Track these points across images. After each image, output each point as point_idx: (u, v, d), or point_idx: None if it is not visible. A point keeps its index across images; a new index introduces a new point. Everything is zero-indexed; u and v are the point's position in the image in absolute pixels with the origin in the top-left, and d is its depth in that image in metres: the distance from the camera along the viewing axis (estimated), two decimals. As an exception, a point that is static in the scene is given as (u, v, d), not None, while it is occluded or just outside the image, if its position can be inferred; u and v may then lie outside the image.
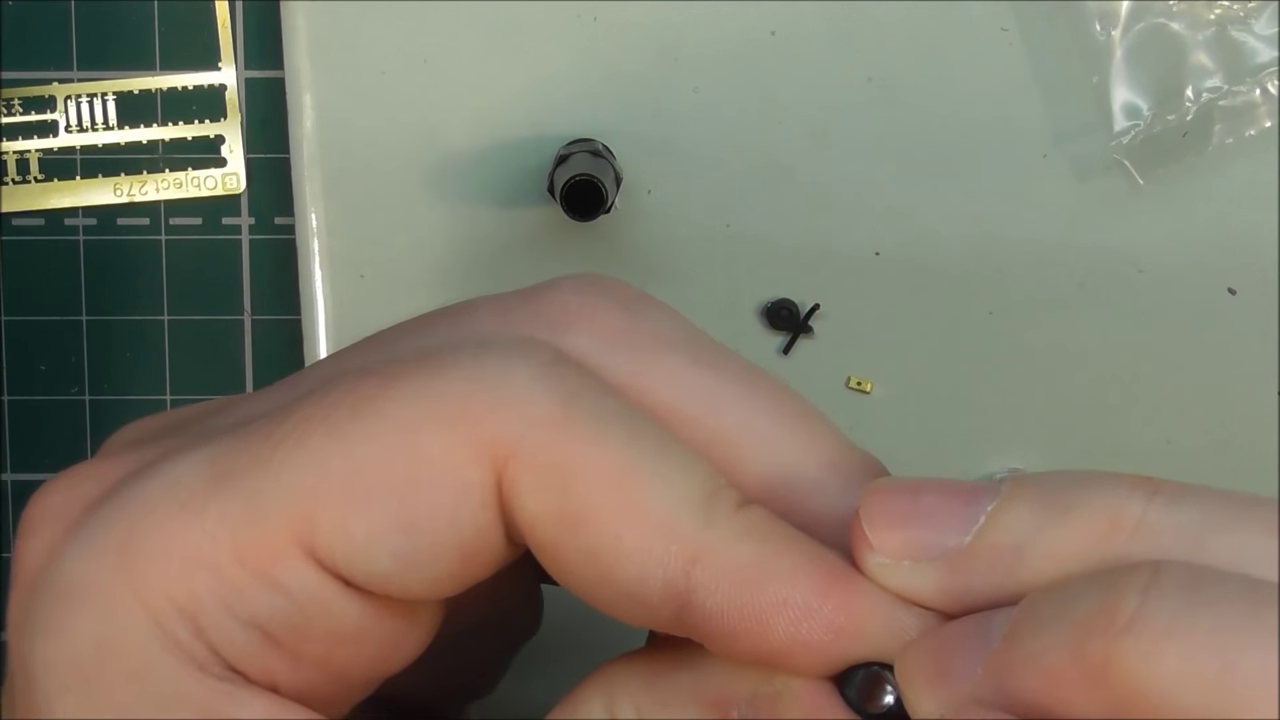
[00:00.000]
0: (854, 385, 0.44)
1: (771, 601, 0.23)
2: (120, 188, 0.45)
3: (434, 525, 0.24)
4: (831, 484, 0.26)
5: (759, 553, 0.24)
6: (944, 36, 0.43)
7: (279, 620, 0.24)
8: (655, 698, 0.25)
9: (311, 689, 0.25)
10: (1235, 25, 0.43)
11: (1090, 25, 0.43)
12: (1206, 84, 0.43)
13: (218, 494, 0.24)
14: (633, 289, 0.27)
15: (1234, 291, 0.44)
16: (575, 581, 0.24)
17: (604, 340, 0.26)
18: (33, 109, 0.45)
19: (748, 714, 0.24)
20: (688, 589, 0.23)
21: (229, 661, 0.25)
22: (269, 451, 0.24)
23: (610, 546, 0.24)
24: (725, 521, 0.24)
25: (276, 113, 0.45)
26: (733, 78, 0.43)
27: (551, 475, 0.24)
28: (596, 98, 0.43)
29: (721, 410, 0.26)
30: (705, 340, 0.27)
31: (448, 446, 0.24)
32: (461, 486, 0.24)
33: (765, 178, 0.44)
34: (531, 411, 0.24)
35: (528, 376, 0.24)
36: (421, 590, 0.25)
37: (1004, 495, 0.23)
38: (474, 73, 0.43)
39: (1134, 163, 0.43)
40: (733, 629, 0.23)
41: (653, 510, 0.24)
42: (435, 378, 0.24)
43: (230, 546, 0.24)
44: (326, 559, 0.24)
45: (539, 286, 0.27)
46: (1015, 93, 0.44)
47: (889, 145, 0.44)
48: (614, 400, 0.25)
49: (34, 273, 0.46)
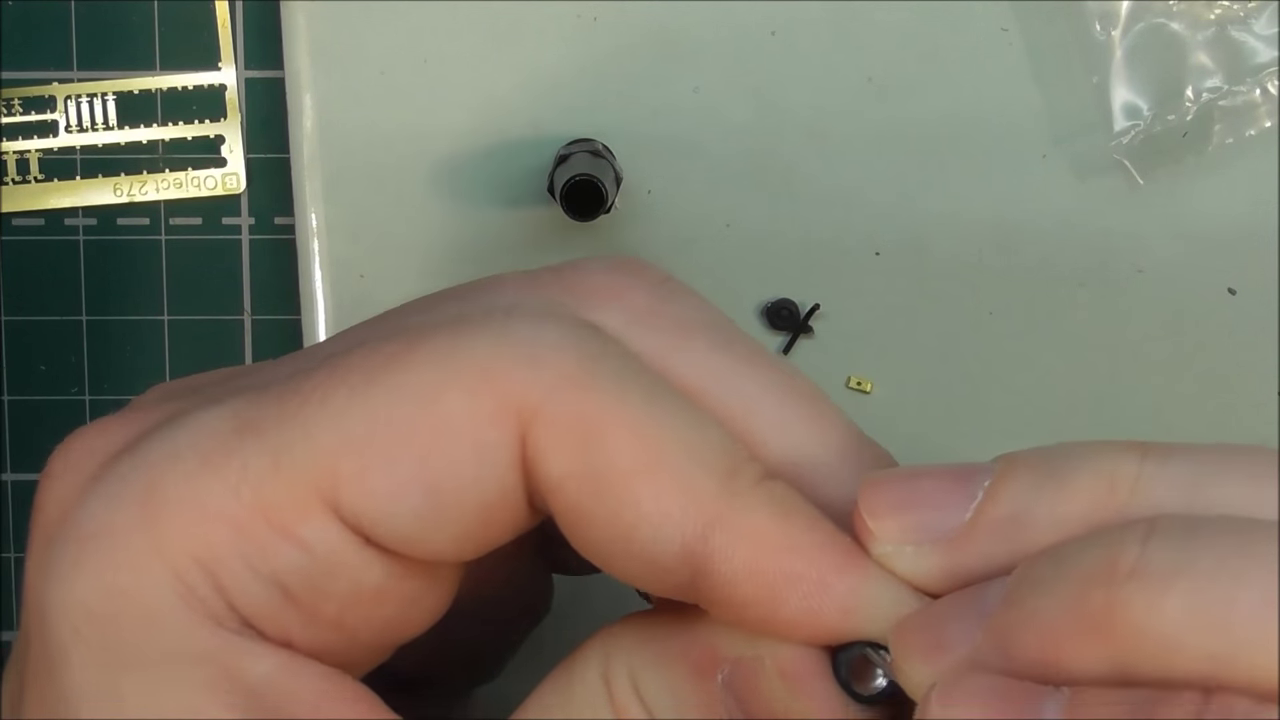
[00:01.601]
0: (854, 385, 0.44)
1: (787, 573, 0.24)
2: (120, 188, 0.45)
3: (456, 485, 0.24)
4: (842, 472, 0.26)
5: (780, 524, 0.24)
6: (944, 36, 0.43)
7: (299, 577, 0.24)
8: (647, 659, 0.25)
9: (326, 649, 0.25)
10: (1235, 25, 0.43)
11: (1090, 25, 0.43)
12: (1206, 84, 0.43)
13: (241, 448, 0.24)
14: (661, 271, 0.28)
15: (1234, 291, 0.44)
16: (594, 543, 0.24)
17: (631, 318, 0.26)
18: (33, 109, 0.45)
19: (730, 678, 0.24)
20: (705, 552, 0.24)
21: (245, 617, 0.25)
22: (294, 408, 0.24)
23: (631, 507, 0.24)
24: (748, 490, 0.24)
25: (276, 113, 0.45)
26: (733, 78, 0.43)
27: (576, 436, 0.24)
28: (596, 98, 0.43)
29: (743, 393, 0.26)
30: (730, 326, 0.27)
31: (472, 406, 0.24)
32: (485, 446, 0.24)
33: (765, 177, 0.44)
34: (557, 373, 0.24)
35: (554, 339, 0.25)
36: (442, 550, 0.25)
37: (999, 471, 0.24)
38: (474, 73, 0.43)
39: (1134, 163, 0.43)
40: (744, 596, 0.24)
41: (676, 473, 0.24)
42: (460, 339, 0.25)
43: (253, 501, 0.24)
44: (350, 516, 0.24)
45: (569, 263, 0.28)
46: (1015, 93, 0.44)
47: (889, 145, 0.44)
48: (639, 367, 0.25)
49: (34, 273, 0.46)
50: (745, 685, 0.24)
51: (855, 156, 0.44)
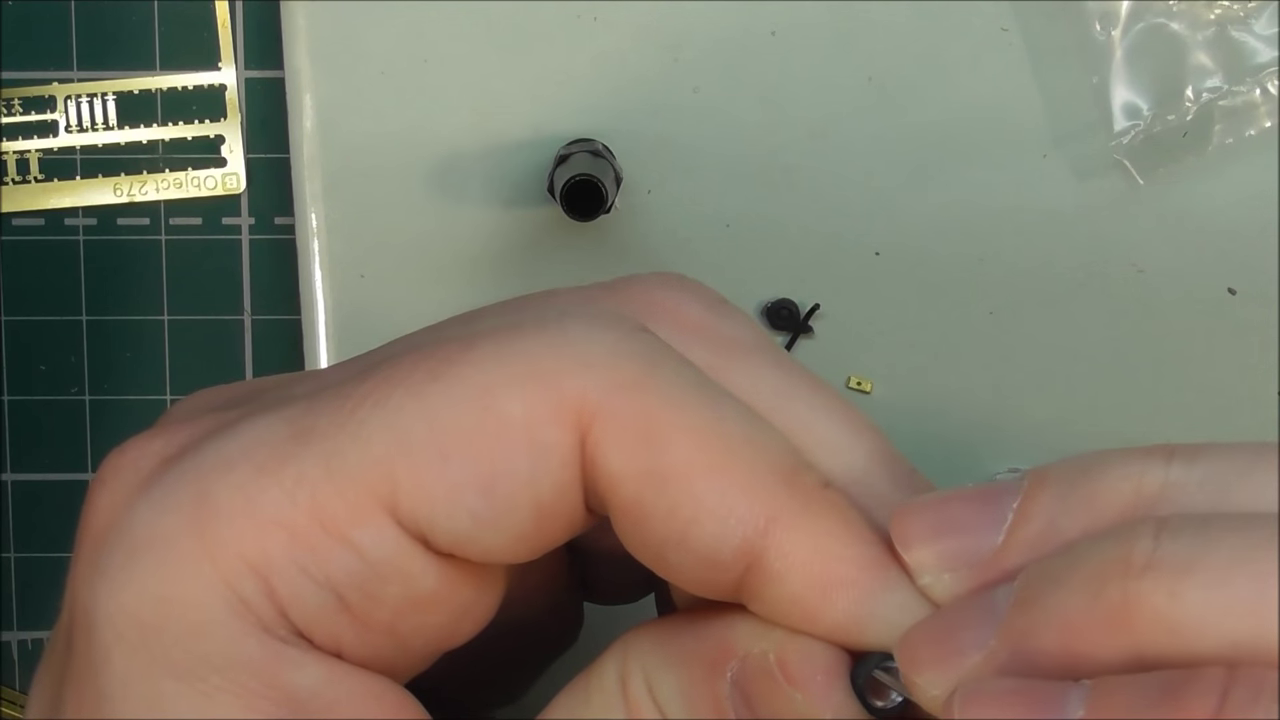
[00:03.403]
0: (854, 385, 0.44)
1: (841, 578, 0.24)
2: (120, 188, 0.45)
3: (513, 485, 0.24)
4: (885, 489, 0.26)
5: (840, 529, 0.24)
6: (944, 36, 0.43)
7: (354, 582, 0.24)
8: (662, 660, 0.25)
9: (375, 658, 0.25)
10: (1235, 25, 0.43)
11: (1090, 25, 0.43)
12: (1206, 84, 0.43)
13: (296, 455, 0.24)
14: (714, 292, 0.28)
15: (1234, 291, 0.44)
16: (650, 542, 0.25)
17: (686, 333, 0.27)
18: (33, 109, 0.45)
19: (738, 675, 0.24)
20: (763, 547, 0.24)
21: (297, 626, 0.25)
22: (348, 413, 0.25)
23: (692, 503, 0.24)
24: (810, 493, 0.24)
25: (276, 113, 0.45)
26: (733, 78, 0.43)
27: (637, 434, 0.24)
28: (596, 98, 0.43)
29: (795, 409, 0.27)
30: (777, 346, 0.28)
31: (529, 407, 0.24)
32: (541, 447, 0.24)
33: (765, 178, 0.44)
34: (616, 374, 0.24)
35: (612, 340, 0.25)
36: (498, 551, 0.25)
37: (1026, 489, 0.24)
38: (474, 73, 0.43)
39: (1134, 163, 0.43)
40: (794, 595, 0.24)
41: (740, 470, 0.24)
42: (517, 341, 0.25)
43: (309, 507, 0.24)
44: (407, 518, 0.24)
45: (622, 279, 0.28)
46: (1015, 93, 0.44)
47: (889, 145, 0.44)
48: (698, 372, 0.25)
49: (34, 273, 0.46)
50: (752, 683, 0.24)
51: (855, 156, 0.44)
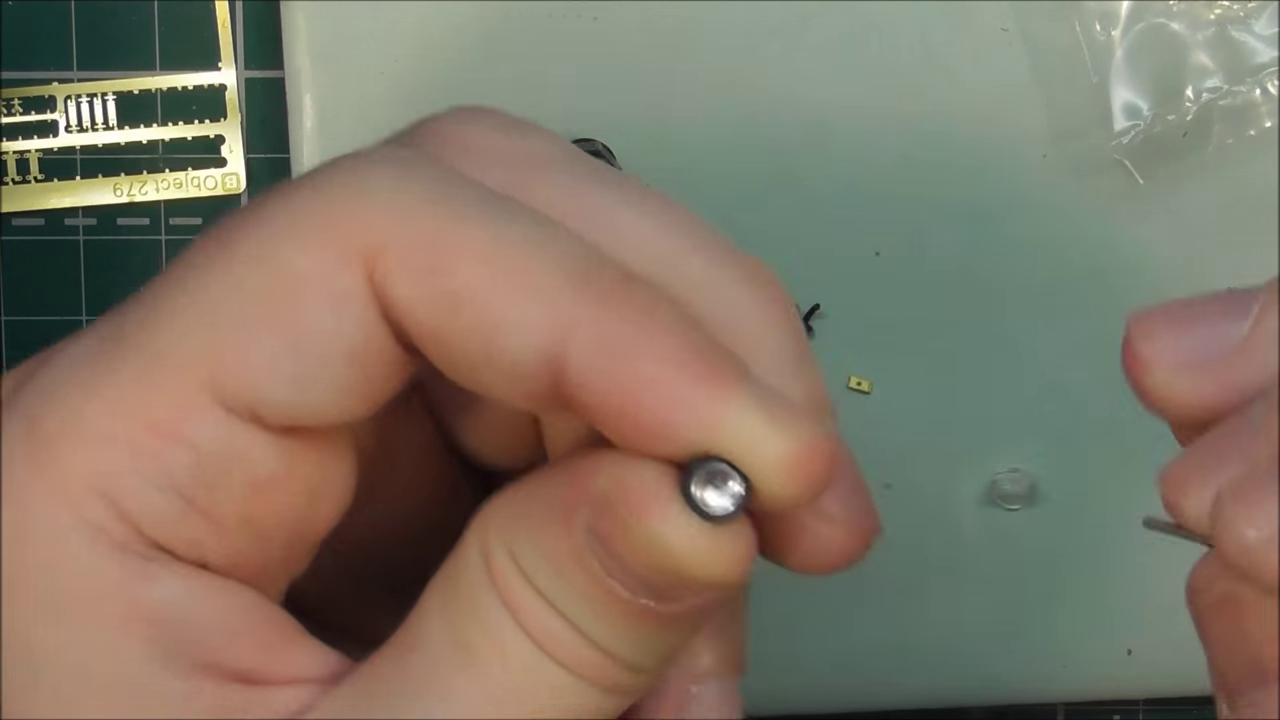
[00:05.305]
0: (854, 385, 0.44)
1: (638, 378, 0.23)
2: (120, 188, 0.45)
3: (320, 339, 0.24)
4: (713, 282, 0.25)
5: (638, 326, 0.23)
6: (944, 36, 0.43)
7: (196, 478, 0.24)
8: (520, 528, 0.24)
9: (241, 561, 0.25)
10: (1235, 25, 0.43)
11: (1090, 25, 0.43)
12: (1206, 84, 0.43)
13: (110, 364, 0.24)
14: (514, 116, 0.27)
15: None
16: (461, 367, 0.24)
17: (479, 157, 0.26)
18: (33, 109, 0.45)
19: (591, 522, 0.23)
20: (563, 356, 0.23)
21: (154, 539, 0.24)
22: (150, 308, 0.24)
23: (487, 320, 0.23)
24: (607, 292, 0.23)
25: (276, 113, 0.45)
26: (733, 78, 0.43)
27: (422, 260, 0.23)
28: (596, 98, 0.43)
29: (598, 210, 0.25)
30: (584, 158, 0.27)
31: (314, 257, 0.24)
32: (337, 294, 0.24)
33: (765, 178, 0.44)
34: (395, 206, 0.24)
35: (390, 175, 0.24)
36: (329, 409, 0.24)
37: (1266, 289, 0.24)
38: (474, 73, 0.43)
39: (1134, 163, 0.43)
40: (601, 401, 0.23)
41: (527, 279, 0.23)
42: (296, 195, 0.24)
43: (135, 414, 0.24)
44: (232, 400, 0.24)
45: (419, 121, 0.27)
46: (1015, 93, 0.44)
47: (889, 145, 0.44)
48: (484, 190, 0.24)
49: (34, 273, 0.46)
50: (602, 524, 0.23)
51: (855, 156, 0.44)
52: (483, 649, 0.24)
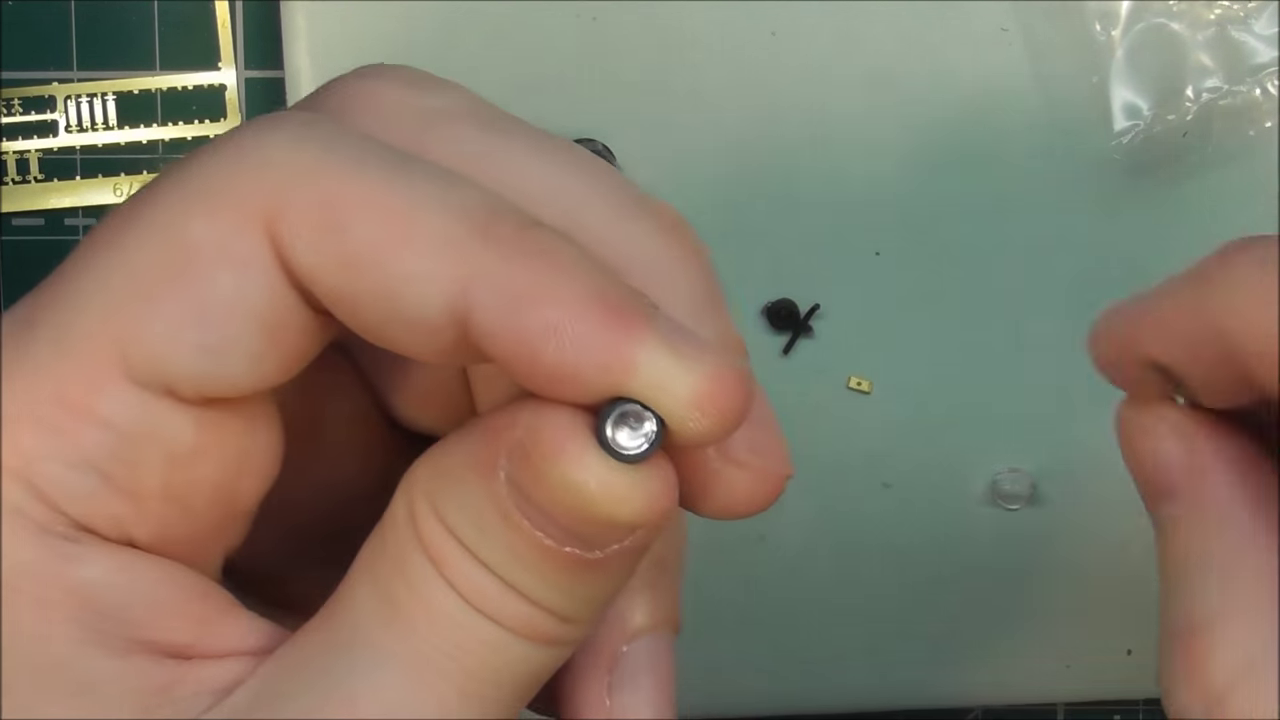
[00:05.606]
0: (854, 385, 0.44)
1: (542, 325, 0.22)
2: (120, 188, 0.45)
3: (224, 307, 0.24)
4: (624, 229, 0.25)
5: (538, 272, 0.23)
6: (944, 36, 0.43)
7: (111, 455, 0.24)
8: (442, 484, 0.24)
9: (168, 534, 0.25)
10: (1235, 25, 0.43)
11: (1090, 25, 0.43)
12: (1206, 84, 0.43)
13: (22, 347, 0.24)
14: (423, 72, 0.27)
15: (1234, 291, 0.44)
16: (369, 326, 0.24)
17: (383, 114, 0.25)
18: (33, 109, 0.45)
19: (509, 473, 0.23)
20: (466, 307, 0.23)
21: (75, 518, 0.24)
22: (59, 289, 0.24)
23: (388, 276, 0.23)
24: (507, 240, 0.23)
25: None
26: (733, 78, 0.43)
27: (320, 221, 0.23)
28: (596, 98, 0.43)
29: (496, 158, 0.25)
30: (490, 109, 0.26)
31: (210, 224, 0.24)
32: (236, 260, 0.23)
33: (765, 177, 0.44)
34: (289, 168, 0.24)
35: (283, 138, 0.24)
36: (244, 378, 0.24)
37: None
38: (474, 73, 0.43)
39: (1134, 163, 0.43)
40: (508, 350, 0.23)
41: (426, 232, 0.23)
42: (193, 163, 0.24)
43: (48, 394, 0.24)
44: (142, 374, 0.24)
45: (326, 82, 0.27)
46: (1015, 93, 0.44)
47: (889, 145, 0.44)
48: (381, 146, 0.24)
49: (34, 273, 0.45)
50: (520, 473, 0.23)
51: (855, 156, 0.44)
52: (409, 605, 0.24)
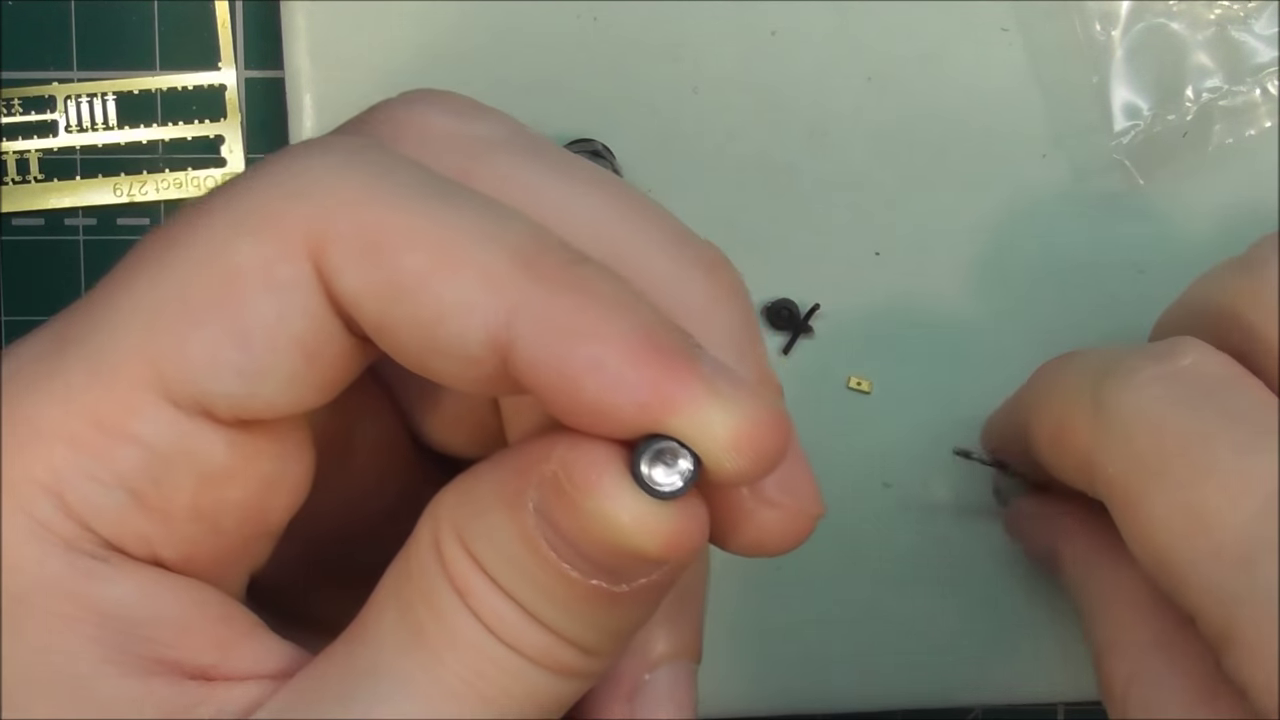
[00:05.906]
0: (854, 385, 0.44)
1: (585, 361, 0.23)
2: (120, 188, 0.45)
3: (266, 331, 0.24)
4: (667, 266, 0.25)
5: (583, 308, 0.23)
6: (944, 36, 0.43)
7: (144, 474, 0.24)
8: (469, 514, 0.24)
9: (196, 553, 0.25)
10: (1235, 25, 0.43)
11: (1090, 25, 0.43)
12: (1206, 84, 0.43)
13: (58, 364, 0.24)
14: (467, 99, 0.27)
15: (1234, 291, 0.44)
16: (409, 354, 0.24)
17: (432, 142, 0.26)
18: (33, 109, 0.45)
19: (539, 504, 0.23)
20: (509, 340, 0.23)
21: (104, 537, 0.24)
22: (97, 307, 0.24)
23: (432, 306, 0.23)
24: (553, 274, 0.23)
25: (276, 113, 0.45)
26: (733, 78, 0.43)
27: (364, 248, 0.23)
28: (596, 98, 0.43)
29: (551, 194, 0.25)
30: (539, 140, 0.26)
31: (255, 249, 0.24)
32: (280, 285, 0.24)
33: (765, 177, 0.44)
34: (336, 195, 0.24)
35: (334, 163, 0.24)
36: (281, 400, 0.24)
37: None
38: (474, 73, 0.43)
39: (1134, 163, 0.43)
40: (549, 384, 0.23)
41: (471, 263, 0.23)
42: (238, 189, 0.24)
43: (83, 412, 0.24)
44: (177, 394, 0.24)
45: (372, 106, 0.27)
46: (1015, 93, 0.44)
47: (889, 145, 0.44)
48: (429, 175, 0.24)
49: (34, 273, 0.46)
50: (550, 505, 0.23)
51: (855, 157, 0.44)
52: (432, 634, 0.24)
